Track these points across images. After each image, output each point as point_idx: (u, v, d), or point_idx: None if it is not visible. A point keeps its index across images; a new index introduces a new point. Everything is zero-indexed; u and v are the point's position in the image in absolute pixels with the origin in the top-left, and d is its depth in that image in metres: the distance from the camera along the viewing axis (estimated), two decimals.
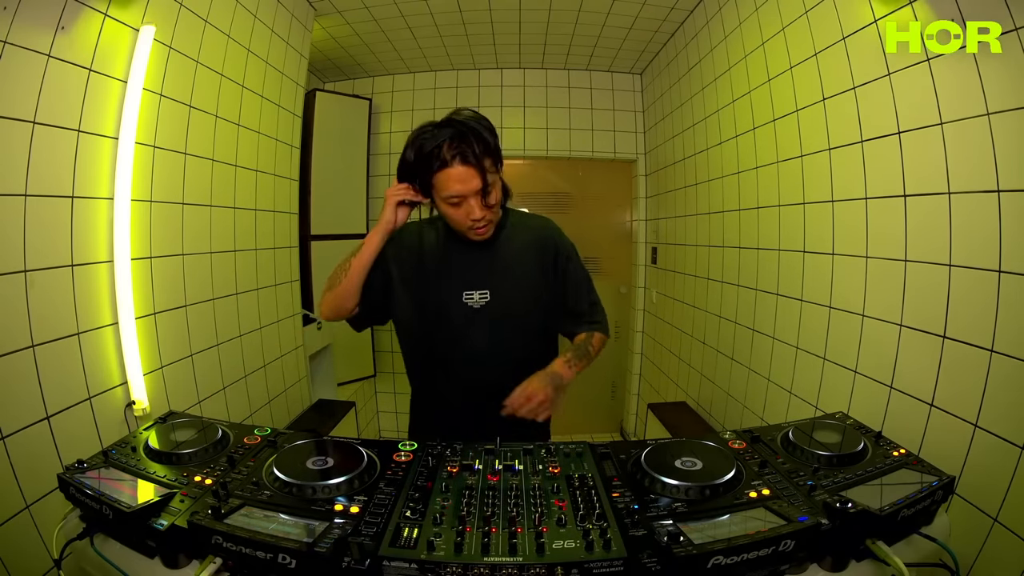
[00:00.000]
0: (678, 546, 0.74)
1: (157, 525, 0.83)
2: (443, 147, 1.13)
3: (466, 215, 1.18)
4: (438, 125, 1.16)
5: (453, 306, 1.27)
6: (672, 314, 3.15)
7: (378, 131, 3.68)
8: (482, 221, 1.19)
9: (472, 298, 1.27)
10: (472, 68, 3.60)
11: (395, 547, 0.77)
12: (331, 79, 3.70)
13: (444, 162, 1.13)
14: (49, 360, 1.26)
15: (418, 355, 1.37)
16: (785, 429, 1.14)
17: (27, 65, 1.19)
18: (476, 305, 1.27)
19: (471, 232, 1.22)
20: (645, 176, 3.65)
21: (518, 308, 1.30)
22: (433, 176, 1.15)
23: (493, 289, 1.28)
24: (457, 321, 1.27)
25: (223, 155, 1.97)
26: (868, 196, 1.48)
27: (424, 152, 1.14)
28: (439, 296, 1.28)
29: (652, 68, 3.43)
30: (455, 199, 1.16)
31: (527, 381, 1.19)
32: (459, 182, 1.14)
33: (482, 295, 1.28)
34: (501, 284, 1.29)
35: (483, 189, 1.15)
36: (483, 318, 1.27)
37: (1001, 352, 1.10)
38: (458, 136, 1.13)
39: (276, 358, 2.39)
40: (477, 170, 1.13)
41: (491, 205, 1.19)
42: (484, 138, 1.15)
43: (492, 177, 1.17)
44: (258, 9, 2.12)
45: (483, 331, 1.27)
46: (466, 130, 1.13)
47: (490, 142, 1.16)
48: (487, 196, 1.17)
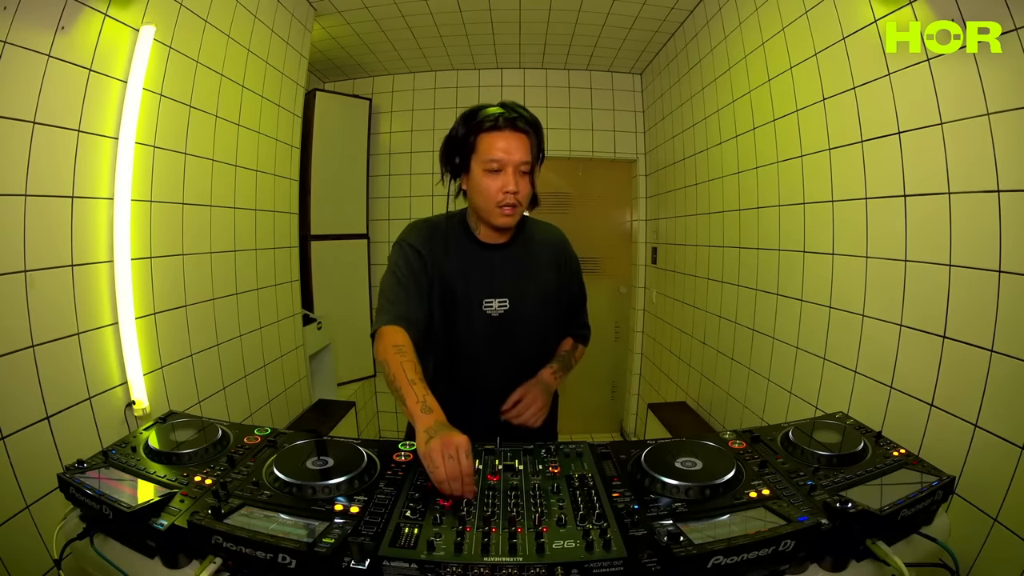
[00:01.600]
0: (678, 546, 0.74)
1: (157, 525, 0.83)
2: (499, 113, 1.16)
3: (501, 187, 1.16)
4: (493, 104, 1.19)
5: (473, 313, 1.26)
6: (672, 314, 3.15)
7: (378, 131, 3.68)
8: (513, 198, 1.17)
9: (491, 306, 1.26)
10: (472, 68, 3.60)
11: (395, 547, 0.77)
12: (331, 79, 3.70)
13: (496, 124, 1.15)
14: (49, 360, 1.26)
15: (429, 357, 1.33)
16: (785, 429, 1.14)
17: (27, 65, 1.19)
18: (495, 313, 1.26)
19: (497, 212, 1.19)
20: (645, 176, 3.66)
21: (535, 316, 1.30)
22: (479, 137, 1.16)
23: (512, 297, 1.27)
24: (476, 329, 1.26)
25: (223, 155, 1.97)
26: (868, 196, 1.48)
27: (476, 118, 1.17)
28: (459, 302, 1.26)
29: (652, 68, 3.43)
30: (495, 164, 1.15)
31: (522, 390, 1.26)
32: (504, 147, 1.15)
33: (501, 303, 1.27)
34: (520, 292, 1.28)
35: (525, 161, 1.16)
36: (501, 326, 1.26)
37: (1001, 352, 1.10)
38: (514, 110, 1.18)
39: (276, 358, 2.39)
40: (527, 141, 1.16)
41: (531, 186, 1.20)
42: (532, 122, 1.19)
43: (533, 161, 1.19)
44: (258, 9, 2.12)
45: (501, 339, 1.27)
46: (518, 108, 1.19)
47: (536, 127, 1.19)
48: (526, 175, 1.18)
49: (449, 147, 1.22)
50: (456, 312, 1.26)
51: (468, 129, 1.18)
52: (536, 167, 1.22)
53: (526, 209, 1.25)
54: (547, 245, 1.36)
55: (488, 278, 1.27)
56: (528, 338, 1.30)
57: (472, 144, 1.17)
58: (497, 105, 1.19)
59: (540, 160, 1.23)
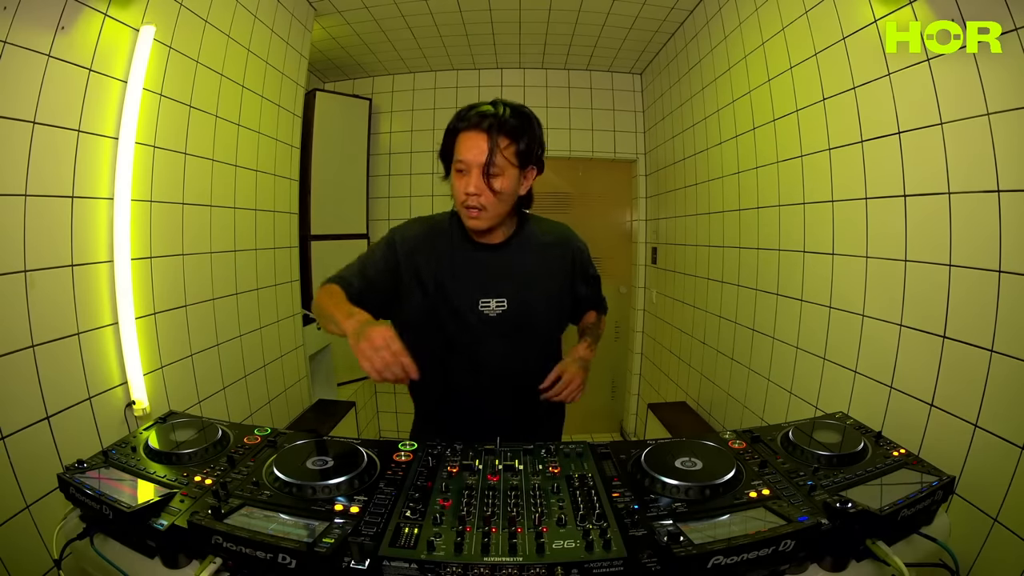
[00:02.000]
0: (678, 546, 0.74)
1: (157, 525, 0.83)
2: (473, 112, 1.14)
3: (463, 188, 1.15)
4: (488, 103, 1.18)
5: (468, 314, 1.23)
6: (672, 314, 3.15)
7: (378, 131, 3.68)
8: (476, 200, 1.14)
9: (488, 306, 1.23)
10: (472, 68, 3.60)
11: (395, 547, 0.77)
12: (331, 79, 3.70)
13: (464, 126, 1.14)
14: (49, 360, 1.26)
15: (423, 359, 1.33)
16: (785, 429, 1.14)
17: (27, 65, 1.19)
18: (492, 314, 1.23)
19: (464, 214, 1.18)
20: (645, 176, 3.66)
21: (534, 317, 1.28)
22: (456, 137, 1.16)
23: (510, 297, 1.24)
24: (471, 330, 1.23)
25: (223, 155, 1.97)
26: (868, 196, 1.48)
27: (455, 116, 1.17)
28: (453, 302, 1.23)
29: (652, 68, 3.43)
30: (461, 165, 1.15)
31: (560, 367, 1.26)
32: (469, 148, 1.13)
33: (499, 303, 1.24)
34: (519, 292, 1.25)
35: (488, 163, 1.11)
36: (498, 328, 1.24)
37: (1001, 352, 1.10)
38: (487, 107, 1.15)
39: (276, 358, 2.39)
40: (487, 140, 1.12)
41: (495, 190, 1.13)
42: (510, 122, 1.14)
43: (504, 163, 1.13)
44: (258, 9, 2.12)
45: (497, 341, 1.24)
46: (499, 107, 1.15)
47: (516, 127, 1.14)
48: (491, 177, 1.13)
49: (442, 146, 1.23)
50: (452, 312, 1.23)
51: (449, 128, 1.18)
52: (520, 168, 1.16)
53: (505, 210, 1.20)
54: (550, 244, 1.33)
55: (483, 279, 1.24)
56: (529, 338, 1.28)
57: (452, 143, 1.17)
58: (488, 103, 1.16)
59: (535, 158, 1.19)
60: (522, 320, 1.25)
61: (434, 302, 1.23)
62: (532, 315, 1.27)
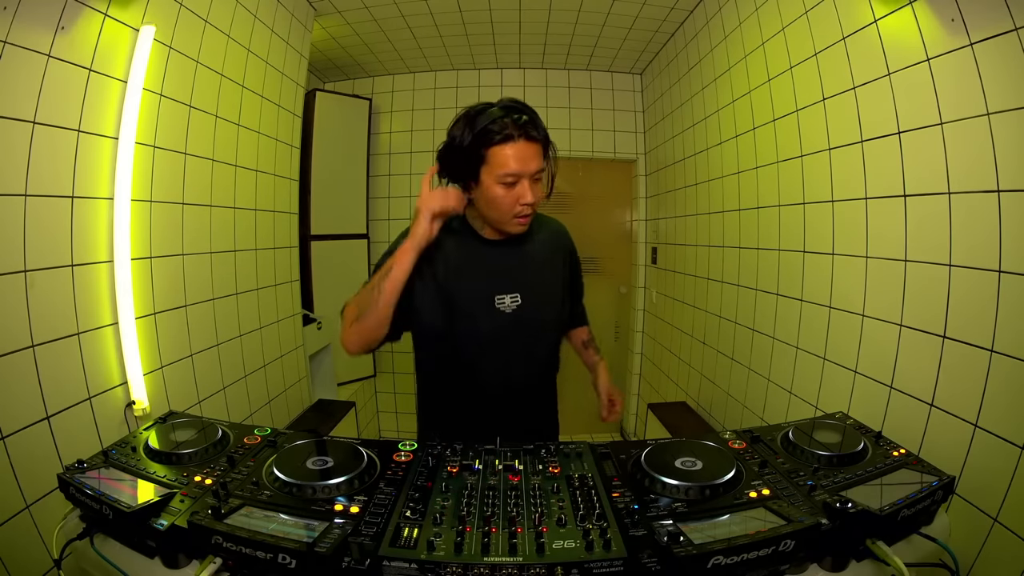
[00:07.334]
0: (678, 546, 0.74)
1: (157, 525, 0.83)
2: (508, 121, 1.08)
3: (516, 199, 1.12)
4: (494, 105, 1.12)
5: (485, 311, 1.23)
6: (672, 314, 3.15)
7: (378, 131, 3.68)
8: (530, 208, 1.15)
9: (504, 302, 1.24)
10: (472, 68, 3.60)
11: (395, 547, 0.77)
12: (331, 79, 3.70)
13: (508, 136, 1.08)
14: (49, 360, 1.26)
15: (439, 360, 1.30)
16: (785, 429, 1.14)
17: (27, 65, 1.19)
18: (508, 310, 1.24)
19: (513, 222, 1.16)
20: (645, 176, 3.66)
21: (547, 311, 1.29)
22: (489, 150, 1.09)
23: (523, 292, 1.25)
24: (488, 326, 1.23)
25: (223, 155, 1.97)
26: (868, 196, 1.48)
27: (482, 126, 1.08)
28: (469, 301, 1.22)
29: (652, 68, 3.43)
30: (511, 178, 1.10)
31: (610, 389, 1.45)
32: (520, 159, 1.09)
33: (513, 299, 1.24)
34: (531, 287, 1.26)
35: (540, 171, 1.13)
36: (515, 322, 1.24)
37: (1001, 352, 1.10)
38: (524, 112, 1.11)
39: (276, 358, 2.39)
40: (540, 150, 1.12)
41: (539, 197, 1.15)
42: (543, 128, 1.14)
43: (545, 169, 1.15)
44: (258, 9, 2.12)
45: (515, 336, 1.24)
46: (529, 110, 1.13)
47: (546, 132, 1.15)
48: (537, 183, 1.14)
49: (453, 155, 1.15)
50: (464, 312, 1.22)
51: (476, 139, 1.10)
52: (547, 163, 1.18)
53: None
54: (551, 238, 1.35)
55: (497, 275, 1.25)
56: (541, 332, 1.29)
57: (482, 156, 1.10)
58: (498, 107, 1.11)
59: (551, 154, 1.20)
60: (535, 313, 1.26)
61: (451, 303, 1.22)
62: (543, 307, 1.29)
